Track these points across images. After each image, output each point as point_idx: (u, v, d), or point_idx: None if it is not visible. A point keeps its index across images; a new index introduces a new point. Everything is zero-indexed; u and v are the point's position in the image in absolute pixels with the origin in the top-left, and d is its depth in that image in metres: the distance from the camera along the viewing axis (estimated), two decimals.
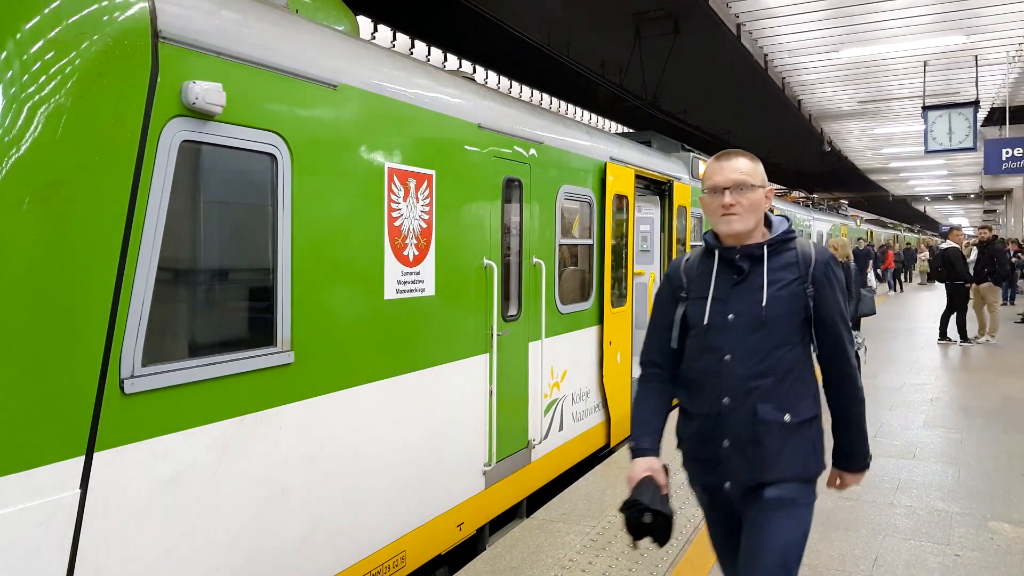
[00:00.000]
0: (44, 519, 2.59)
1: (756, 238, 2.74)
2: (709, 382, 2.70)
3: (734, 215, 2.68)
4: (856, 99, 18.09)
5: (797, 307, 2.66)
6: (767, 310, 2.63)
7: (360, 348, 4.10)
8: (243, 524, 3.39)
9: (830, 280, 2.71)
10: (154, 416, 2.98)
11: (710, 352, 2.70)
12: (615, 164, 7.41)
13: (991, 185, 36.15)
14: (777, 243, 2.74)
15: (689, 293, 2.81)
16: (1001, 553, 4.83)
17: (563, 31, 13.96)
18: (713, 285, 2.74)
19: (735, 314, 2.66)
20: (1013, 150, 15.24)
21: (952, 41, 13.00)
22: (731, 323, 2.67)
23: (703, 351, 2.73)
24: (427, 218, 4.60)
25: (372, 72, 4.22)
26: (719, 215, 2.71)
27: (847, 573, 4.55)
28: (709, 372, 2.70)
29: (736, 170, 2.71)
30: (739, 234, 2.71)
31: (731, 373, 2.65)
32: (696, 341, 2.78)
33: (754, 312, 2.64)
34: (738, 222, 2.68)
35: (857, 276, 9.69)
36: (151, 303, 2.94)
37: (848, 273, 9.53)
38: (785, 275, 2.68)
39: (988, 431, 7.82)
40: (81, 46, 2.70)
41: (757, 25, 12.41)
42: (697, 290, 2.78)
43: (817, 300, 2.68)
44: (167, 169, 3.00)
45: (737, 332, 2.66)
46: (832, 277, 2.72)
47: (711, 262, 2.79)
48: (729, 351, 2.66)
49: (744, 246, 2.71)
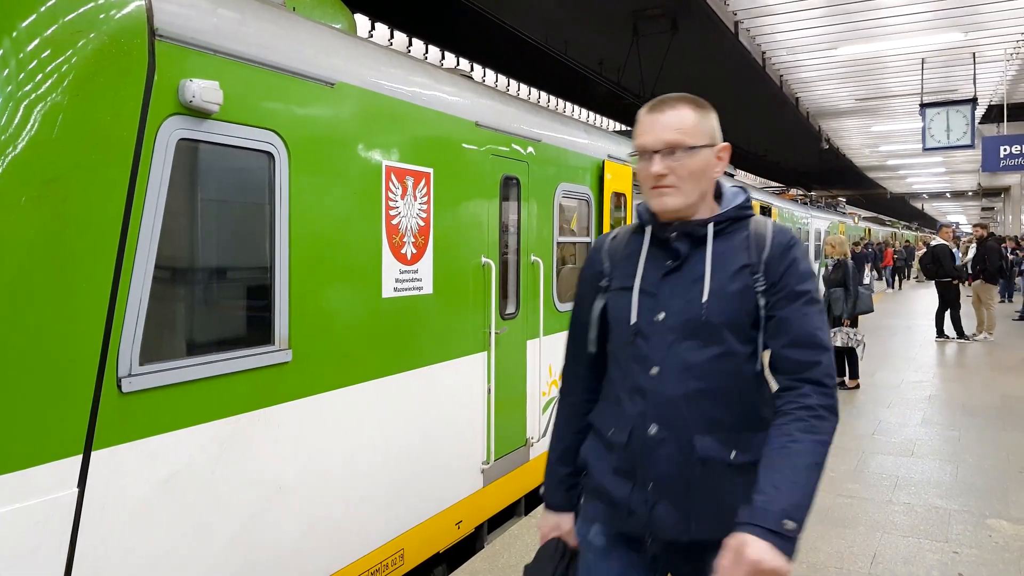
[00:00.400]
0: (41, 518, 2.59)
1: (701, 213, 2.08)
2: (632, 403, 2.06)
3: (666, 188, 2.02)
4: (854, 96, 18.10)
5: (747, 306, 2.02)
6: (708, 309, 1.99)
7: (358, 346, 4.09)
8: (241, 523, 3.38)
9: (790, 271, 2.01)
10: (152, 415, 2.98)
11: (634, 362, 2.06)
12: (613, 162, 7.40)
13: (989, 182, 36.23)
14: (727, 221, 2.08)
15: (611, 281, 2.17)
16: (999, 550, 4.83)
17: (561, 29, 13.94)
18: (641, 272, 2.09)
19: (667, 312, 2.02)
20: (1011, 147, 15.25)
21: (950, 38, 13.00)
22: (661, 324, 2.03)
23: (626, 361, 2.10)
24: (425, 216, 4.59)
25: (369, 70, 4.21)
26: (649, 187, 2.05)
27: (845, 570, 4.56)
28: (632, 389, 2.06)
29: (670, 126, 2.02)
30: (675, 211, 2.05)
31: (660, 392, 2.01)
32: (618, 346, 2.15)
33: (691, 311, 2.00)
34: (673, 197, 2.02)
35: (855, 274, 9.69)
36: (148, 302, 2.94)
37: (846, 271, 9.55)
38: (734, 263, 2.03)
39: (986, 429, 7.83)
40: (77, 44, 2.70)
41: (755, 23, 12.40)
42: (621, 278, 2.14)
43: (770, 297, 2.01)
44: (164, 167, 2.99)
45: (669, 337, 2.02)
46: (794, 267, 2.02)
47: (641, 241, 2.14)
48: (658, 362, 2.01)
49: (683, 222, 2.06)
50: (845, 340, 9.46)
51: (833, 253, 9.84)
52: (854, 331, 9.49)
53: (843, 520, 5.35)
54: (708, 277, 2.01)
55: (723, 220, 2.08)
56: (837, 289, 9.61)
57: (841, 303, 9.54)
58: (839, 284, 9.61)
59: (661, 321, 2.02)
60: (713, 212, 2.10)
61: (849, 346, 9.50)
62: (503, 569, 4.55)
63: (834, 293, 9.62)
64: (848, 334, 9.45)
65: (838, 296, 9.59)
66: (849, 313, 9.48)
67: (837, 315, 9.57)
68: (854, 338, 9.45)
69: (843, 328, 9.49)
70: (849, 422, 8.15)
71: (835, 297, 9.61)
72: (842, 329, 9.48)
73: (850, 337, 9.46)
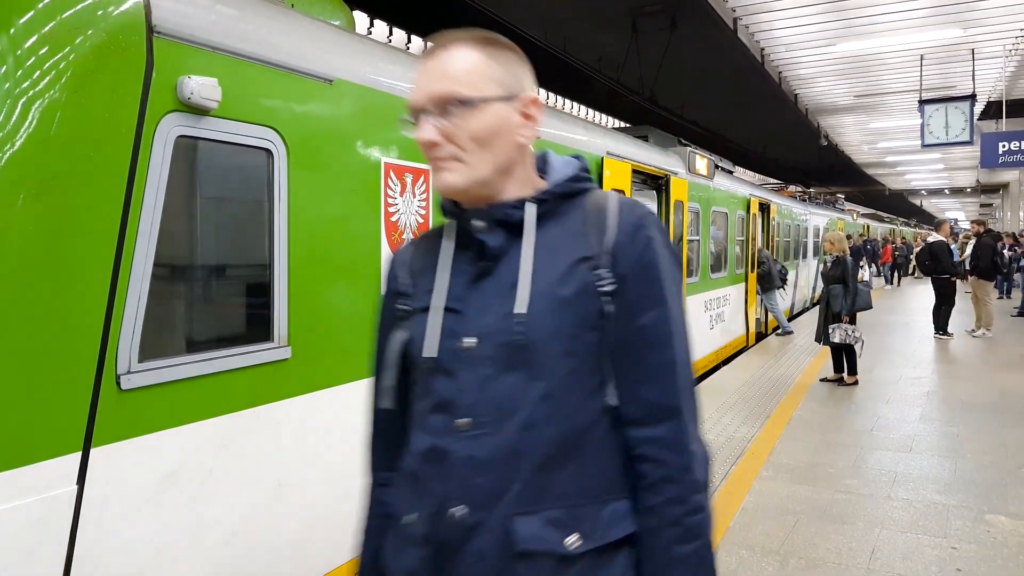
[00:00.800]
0: (40, 516, 2.59)
1: (511, 193, 1.48)
2: (432, 472, 1.41)
3: (443, 160, 1.42)
4: (853, 93, 18.09)
5: (585, 315, 1.39)
6: (529, 323, 1.37)
7: (358, 343, 4.09)
8: (241, 520, 3.39)
9: (651, 262, 1.42)
10: (151, 412, 2.98)
11: (435, 412, 1.43)
12: (612, 159, 7.40)
13: (987, 179, 36.25)
14: (554, 198, 1.48)
15: (413, 301, 1.52)
16: (998, 546, 4.84)
17: (560, 26, 13.94)
18: (442, 283, 1.47)
19: (479, 336, 1.40)
20: (1010, 144, 15.25)
21: (949, 35, 12.99)
22: (471, 353, 1.40)
23: (424, 412, 1.46)
24: (424, 213, 4.59)
25: (368, 67, 4.21)
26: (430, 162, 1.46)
27: (844, 566, 4.57)
28: (430, 453, 1.41)
29: (439, 74, 1.42)
30: (463, 191, 1.44)
31: (469, 455, 1.37)
32: (418, 392, 1.49)
33: (507, 330, 1.38)
34: (454, 173, 1.42)
35: (855, 270, 9.68)
36: (147, 299, 2.94)
37: (845, 267, 9.53)
38: (567, 255, 1.42)
39: (985, 424, 7.83)
40: (75, 41, 2.69)
41: (753, 19, 12.40)
42: (421, 295, 1.51)
43: (620, 301, 1.39)
44: (163, 164, 2.99)
45: (482, 371, 1.39)
46: (655, 256, 1.42)
47: (442, 242, 1.54)
48: (467, 410, 1.39)
49: (491, 207, 1.46)
50: (843, 337, 9.43)
51: (832, 250, 9.83)
52: (852, 328, 9.48)
53: (841, 516, 5.36)
54: (528, 279, 1.39)
55: (549, 198, 1.47)
56: (836, 285, 9.58)
57: (840, 299, 9.50)
58: (838, 280, 9.58)
59: (470, 349, 1.39)
60: (536, 190, 1.49)
61: (847, 343, 9.50)
62: None
63: (833, 290, 9.59)
64: (847, 331, 9.42)
65: (837, 292, 9.55)
66: (848, 310, 9.46)
67: (836, 311, 9.54)
68: (852, 335, 9.43)
69: (842, 324, 9.46)
70: (848, 418, 8.16)
71: (834, 294, 9.57)
72: (841, 326, 9.45)
73: (848, 334, 9.43)
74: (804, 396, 9.30)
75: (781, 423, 7.98)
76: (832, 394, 9.38)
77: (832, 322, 9.55)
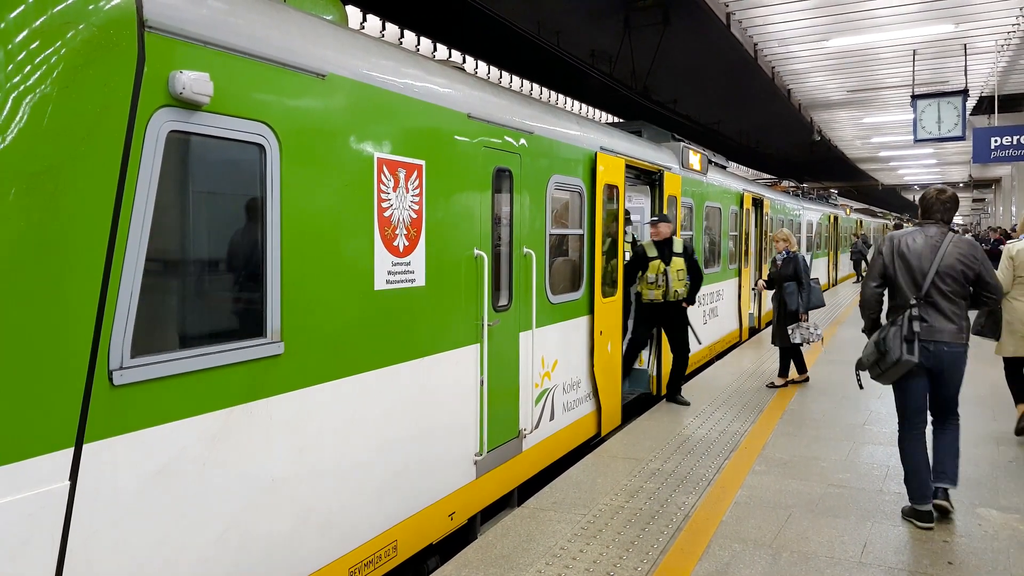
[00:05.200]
0: (33, 511, 2.58)
1: None
2: None
3: None
4: (846, 88, 18.13)
5: None
6: None
7: (350, 339, 4.09)
8: (234, 515, 3.39)
9: None
10: (143, 407, 2.98)
11: None
12: (605, 154, 7.40)
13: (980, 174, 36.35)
14: None
15: None
16: (988, 539, 4.87)
17: (553, 21, 13.91)
18: None
19: None
20: (1002, 138, 15.29)
21: (941, 30, 13.03)
22: None
23: None
24: (417, 208, 4.59)
25: (361, 62, 4.20)
26: None
27: (836, 559, 4.59)
28: None
29: None
30: None
31: None
32: None
33: None
34: None
35: (807, 267, 9.56)
36: (139, 294, 2.93)
37: (797, 265, 9.41)
38: None
39: (976, 418, 7.87)
40: (66, 35, 2.68)
41: (747, 14, 12.41)
42: None
43: None
44: (154, 159, 2.98)
45: None
46: None
47: None
48: None
49: None
50: (804, 337, 9.20)
51: (782, 248, 9.64)
52: (812, 326, 9.28)
53: (834, 510, 5.38)
54: None
55: None
56: (790, 283, 9.36)
57: (796, 297, 9.28)
58: (791, 278, 9.38)
59: None
60: None
61: (809, 342, 9.26)
62: (496, 560, 4.57)
63: (788, 288, 9.36)
64: (807, 329, 9.21)
65: (792, 291, 9.32)
66: (806, 307, 9.28)
67: (793, 310, 9.29)
68: (815, 334, 9.22)
69: (801, 324, 9.23)
70: (840, 413, 8.19)
71: (789, 292, 9.34)
72: (800, 325, 9.22)
73: (810, 332, 9.21)
74: (797, 391, 9.33)
75: (774, 418, 8.00)
76: (825, 389, 9.41)
77: (791, 321, 9.30)
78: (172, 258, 3.26)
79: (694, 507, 5.41)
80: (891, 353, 4.95)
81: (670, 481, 5.94)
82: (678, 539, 4.88)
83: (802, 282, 9.33)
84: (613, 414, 7.79)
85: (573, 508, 5.40)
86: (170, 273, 3.26)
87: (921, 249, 5.01)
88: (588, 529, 5.03)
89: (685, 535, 4.94)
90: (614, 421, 7.82)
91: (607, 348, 7.54)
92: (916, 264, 4.99)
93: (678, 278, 8.24)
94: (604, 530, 5.01)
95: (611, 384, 7.71)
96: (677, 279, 8.24)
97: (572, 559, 4.59)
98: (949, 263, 4.94)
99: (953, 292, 4.95)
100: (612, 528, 5.04)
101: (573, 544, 4.80)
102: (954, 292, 4.95)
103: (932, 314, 4.95)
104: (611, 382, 7.71)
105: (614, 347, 7.75)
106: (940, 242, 5.00)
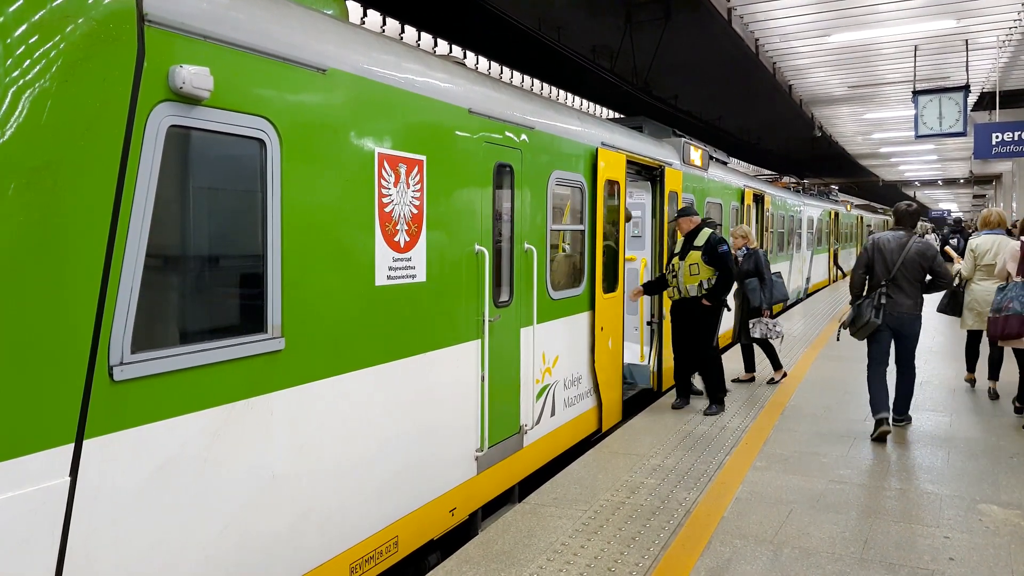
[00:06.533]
0: (33, 507, 2.58)
1: None
2: None
3: None
4: (847, 84, 18.08)
5: None
6: None
7: (351, 334, 4.08)
8: (234, 511, 3.38)
9: None
10: (144, 403, 2.97)
11: None
12: (606, 149, 7.39)
13: (981, 170, 36.27)
14: None
15: None
16: (990, 535, 4.87)
17: (554, 16, 13.88)
18: None
19: None
20: (1003, 134, 15.27)
21: (943, 25, 12.99)
22: None
23: None
24: (418, 204, 4.58)
25: (362, 56, 4.18)
26: None
27: (837, 555, 4.58)
28: None
29: None
30: None
31: None
32: None
33: None
34: None
35: (767, 261, 9.52)
36: (140, 290, 2.92)
37: (758, 260, 9.37)
38: None
39: (977, 414, 7.87)
40: (66, 29, 2.67)
41: (748, 10, 12.37)
42: None
43: None
44: (154, 154, 2.97)
45: None
46: None
47: None
48: None
49: None
50: (764, 332, 9.16)
51: (740, 244, 9.56)
52: (773, 322, 9.22)
53: (835, 506, 5.38)
54: None
55: None
56: (752, 279, 9.27)
57: (758, 293, 9.19)
58: (752, 274, 9.29)
59: None
60: None
61: (768, 339, 9.26)
62: (497, 556, 4.57)
63: (750, 284, 9.26)
64: (767, 325, 9.15)
65: (754, 287, 9.22)
66: (768, 302, 9.20)
67: (756, 305, 9.22)
68: (774, 330, 9.16)
69: (762, 319, 9.17)
70: (841, 408, 8.19)
71: (751, 288, 9.24)
72: (761, 320, 9.16)
73: (769, 328, 9.15)
74: (797, 387, 9.32)
75: (775, 414, 8.00)
76: (825, 385, 9.40)
77: (752, 316, 9.25)
78: (172, 253, 3.25)
79: (695, 503, 5.40)
80: (862, 316, 6.99)
81: (671, 477, 5.94)
82: (679, 535, 4.88)
83: (764, 277, 9.27)
84: (614, 410, 7.78)
85: (574, 504, 5.40)
86: (170, 268, 3.25)
87: (892, 247, 6.98)
88: (589, 525, 5.03)
89: (686, 531, 4.94)
90: (615, 417, 7.82)
91: (608, 344, 7.54)
92: (888, 257, 6.96)
93: (690, 273, 7.91)
94: (605, 526, 5.01)
95: (612, 380, 7.70)
96: (689, 274, 7.91)
97: (573, 555, 4.59)
98: (911, 257, 6.90)
99: (913, 278, 6.93)
100: (613, 524, 5.03)
101: (574, 540, 4.80)
102: (914, 278, 6.93)
103: (896, 292, 6.93)
104: (612, 378, 7.70)
105: (615, 343, 7.74)
106: (906, 243, 6.96)
